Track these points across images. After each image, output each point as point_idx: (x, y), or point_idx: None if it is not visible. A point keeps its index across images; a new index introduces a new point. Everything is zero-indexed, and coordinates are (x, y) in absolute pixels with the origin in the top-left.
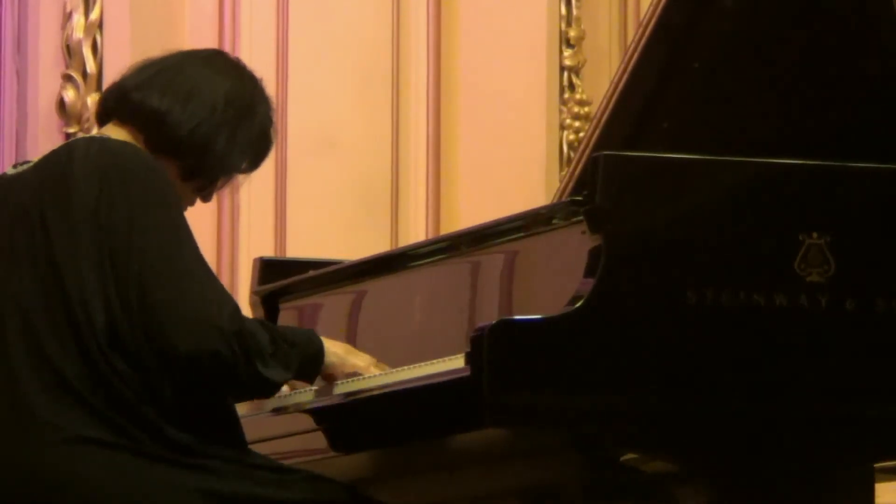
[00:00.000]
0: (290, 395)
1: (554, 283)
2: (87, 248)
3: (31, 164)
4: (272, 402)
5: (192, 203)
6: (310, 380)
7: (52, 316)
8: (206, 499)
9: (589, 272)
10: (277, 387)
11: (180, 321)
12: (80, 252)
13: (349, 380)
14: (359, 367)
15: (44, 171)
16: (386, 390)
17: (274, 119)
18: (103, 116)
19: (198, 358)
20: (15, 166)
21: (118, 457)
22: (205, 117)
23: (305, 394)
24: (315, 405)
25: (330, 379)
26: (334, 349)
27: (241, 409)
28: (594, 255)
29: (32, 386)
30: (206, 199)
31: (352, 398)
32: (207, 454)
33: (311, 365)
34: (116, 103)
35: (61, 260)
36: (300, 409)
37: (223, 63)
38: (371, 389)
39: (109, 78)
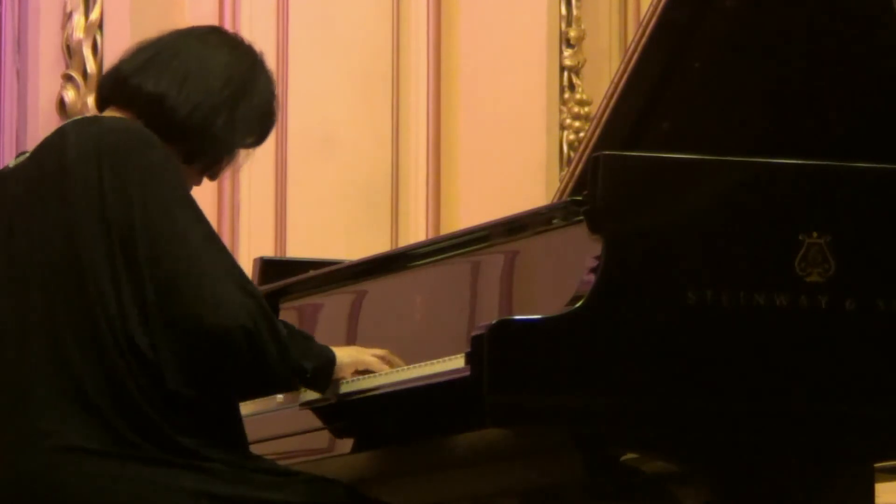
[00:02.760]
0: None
1: (554, 283)
2: (96, 237)
3: (27, 154)
4: (273, 403)
5: (198, 183)
6: (322, 388)
7: (71, 313)
8: (203, 501)
9: (589, 272)
10: (298, 373)
11: (205, 296)
12: (90, 242)
13: (350, 379)
14: (371, 365)
15: (39, 160)
16: (386, 390)
17: (276, 92)
18: (102, 103)
19: (226, 331)
20: (17, 157)
21: (111, 464)
22: (202, 99)
23: (305, 393)
24: (315, 405)
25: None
26: (345, 352)
27: (243, 408)
28: (594, 254)
29: (40, 391)
30: (212, 177)
31: (352, 398)
32: (208, 457)
33: (323, 372)
34: (113, 90)
35: (71, 254)
36: (301, 408)
37: (219, 40)
38: (371, 389)
39: None
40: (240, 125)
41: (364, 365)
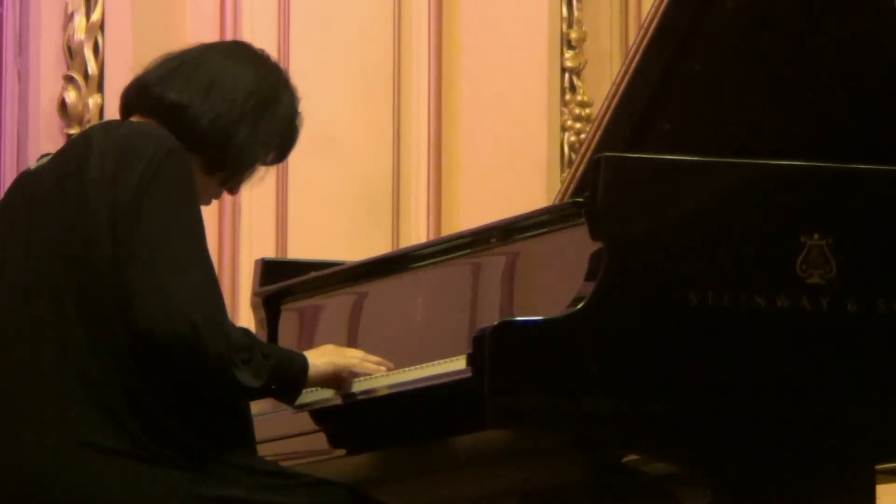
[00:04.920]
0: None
1: (555, 285)
2: (108, 237)
3: (49, 156)
4: (273, 403)
5: (217, 196)
6: (289, 400)
7: (83, 311)
8: (206, 503)
9: (590, 274)
10: (245, 391)
11: (148, 304)
12: (103, 242)
13: (352, 380)
14: (353, 366)
15: (63, 159)
16: (388, 391)
17: (299, 109)
18: (125, 111)
19: (162, 347)
20: (40, 159)
21: (118, 462)
22: (225, 110)
23: (307, 394)
24: (317, 406)
25: (335, 386)
26: (321, 360)
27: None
28: (595, 256)
29: (51, 387)
30: (232, 191)
31: (354, 399)
32: (213, 459)
33: (288, 383)
34: (137, 98)
35: (86, 252)
36: (295, 410)
37: (245, 54)
38: (373, 391)
39: (111, 79)
40: (261, 139)
41: (347, 368)
